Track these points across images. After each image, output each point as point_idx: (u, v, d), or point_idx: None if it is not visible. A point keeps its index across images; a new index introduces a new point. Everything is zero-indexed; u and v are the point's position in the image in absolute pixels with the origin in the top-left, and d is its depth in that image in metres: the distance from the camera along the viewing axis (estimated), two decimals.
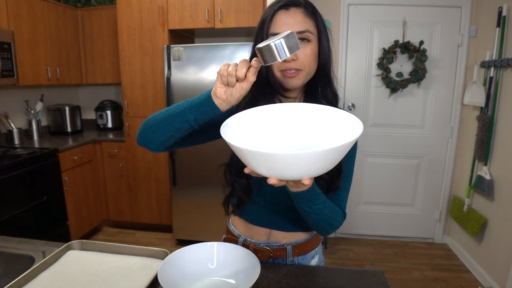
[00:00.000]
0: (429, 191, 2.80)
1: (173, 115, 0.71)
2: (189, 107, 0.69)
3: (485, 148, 2.26)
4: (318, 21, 0.77)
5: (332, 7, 2.60)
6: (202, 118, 0.69)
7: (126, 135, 2.80)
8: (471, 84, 2.43)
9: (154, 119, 0.75)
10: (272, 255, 0.88)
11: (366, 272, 0.82)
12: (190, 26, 2.56)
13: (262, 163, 0.51)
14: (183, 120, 0.70)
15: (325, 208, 0.73)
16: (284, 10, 0.74)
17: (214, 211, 2.60)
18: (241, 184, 0.83)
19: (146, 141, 0.77)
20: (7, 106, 2.66)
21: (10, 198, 2.00)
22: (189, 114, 0.69)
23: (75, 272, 0.78)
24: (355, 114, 1.06)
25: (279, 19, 0.74)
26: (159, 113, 0.75)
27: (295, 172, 0.51)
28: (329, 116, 0.65)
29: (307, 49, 0.74)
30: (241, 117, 0.66)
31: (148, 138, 0.76)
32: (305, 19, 0.74)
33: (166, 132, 0.73)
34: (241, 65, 0.62)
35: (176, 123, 0.71)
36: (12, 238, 0.96)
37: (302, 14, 0.74)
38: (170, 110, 0.72)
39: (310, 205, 0.71)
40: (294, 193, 0.67)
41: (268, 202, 0.86)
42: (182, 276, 0.70)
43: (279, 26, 0.74)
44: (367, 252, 2.70)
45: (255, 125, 0.66)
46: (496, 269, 2.12)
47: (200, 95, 0.69)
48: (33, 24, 2.48)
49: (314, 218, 0.74)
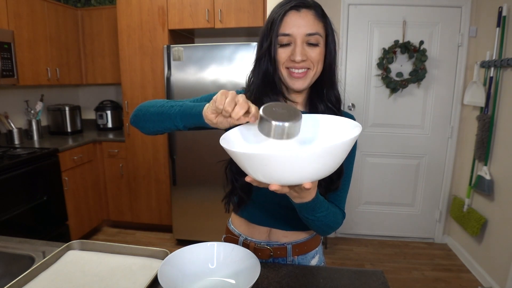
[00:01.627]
0: (429, 191, 2.80)
1: (165, 115, 0.73)
2: (181, 115, 0.70)
3: (485, 148, 2.26)
4: (327, 24, 0.77)
5: (332, 7, 2.60)
6: (191, 126, 0.72)
7: (126, 135, 2.80)
8: (471, 84, 2.43)
9: (147, 110, 0.77)
10: (272, 254, 0.88)
11: (366, 272, 0.82)
12: (190, 26, 2.56)
13: (259, 167, 0.50)
14: (172, 123, 0.73)
15: (328, 214, 0.74)
16: (295, 11, 0.73)
17: (214, 211, 2.60)
18: (241, 183, 0.82)
19: (137, 126, 0.81)
20: (7, 106, 2.66)
21: (10, 198, 2.00)
22: (179, 121, 0.71)
23: (75, 272, 0.78)
24: (355, 114, 1.06)
25: (290, 19, 0.73)
26: (153, 105, 0.76)
27: (294, 175, 0.50)
28: (328, 123, 0.65)
29: (315, 51, 0.74)
30: (240, 130, 0.66)
31: (139, 124, 0.80)
32: (315, 21, 0.74)
33: (156, 126, 0.76)
34: (240, 106, 0.58)
35: (167, 123, 0.74)
36: (12, 238, 0.96)
37: (313, 16, 0.74)
38: (164, 108, 0.73)
39: (314, 213, 0.71)
40: (298, 204, 0.67)
41: (269, 201, 0.86)
42: (182, 276, 0.70)
43: (289, 27, 0.73)
44: (367, 252, 2.70)
45: (253, 138, 0.66)
46: (496, 269, 2.12)
47: (193, 106, 0.69)
48: (33, 24, 2.48)
49: (316, 223, 0.75)
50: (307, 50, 0.74)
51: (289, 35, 0.73)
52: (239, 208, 0.90)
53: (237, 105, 0.58)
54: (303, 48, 0.74)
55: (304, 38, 0.73)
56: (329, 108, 0.81)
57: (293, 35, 0.73)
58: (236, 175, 0.82)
